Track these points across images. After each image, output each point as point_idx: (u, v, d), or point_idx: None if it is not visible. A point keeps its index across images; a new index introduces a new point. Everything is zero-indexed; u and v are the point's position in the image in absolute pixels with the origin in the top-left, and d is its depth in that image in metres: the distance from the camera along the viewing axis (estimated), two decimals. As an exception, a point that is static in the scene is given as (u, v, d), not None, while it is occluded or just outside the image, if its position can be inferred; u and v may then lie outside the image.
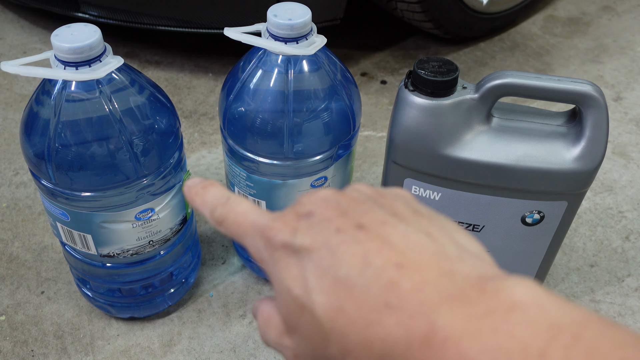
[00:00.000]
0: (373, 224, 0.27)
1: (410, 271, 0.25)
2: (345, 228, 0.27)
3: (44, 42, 1.29)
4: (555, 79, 0.56)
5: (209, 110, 1.12)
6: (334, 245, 0.27)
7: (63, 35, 0.54)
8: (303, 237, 0.28)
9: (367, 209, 0.28)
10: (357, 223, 0.28)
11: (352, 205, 0.29)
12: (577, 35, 1.38)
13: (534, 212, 0.63)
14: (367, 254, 0.26)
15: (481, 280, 0.24)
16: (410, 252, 0.26)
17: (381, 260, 0.26)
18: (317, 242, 0.27)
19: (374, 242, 0.27)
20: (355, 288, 0.26)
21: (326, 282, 0.26)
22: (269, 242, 0.29)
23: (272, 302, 0.32)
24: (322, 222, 0.28)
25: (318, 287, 0.26)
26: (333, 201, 0.29)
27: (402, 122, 0.59)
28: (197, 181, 0.34)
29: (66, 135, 0.56)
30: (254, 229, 0.30)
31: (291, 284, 0.27)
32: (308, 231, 0.28)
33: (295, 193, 0.67)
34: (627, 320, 0.78)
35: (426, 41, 1.34)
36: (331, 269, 0.26)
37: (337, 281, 0.26)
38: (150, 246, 0.67)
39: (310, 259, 0.27)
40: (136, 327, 0.76)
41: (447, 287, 0.24)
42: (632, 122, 1.12)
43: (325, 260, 0.27)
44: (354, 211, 0.28)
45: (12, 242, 0.86)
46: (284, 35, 0.59)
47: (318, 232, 0.28)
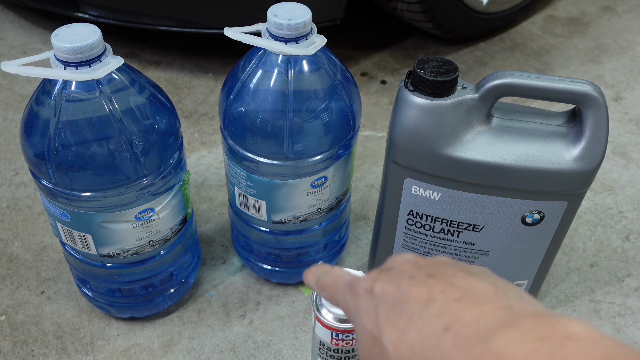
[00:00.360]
0: (444, 275, 0.31)
1: (470, 304, 0.28)
2: (417, 276, 0.32)
3: (44, 42, 1.29)
4: (555, 79, 0.56)
5: (209, 110, 1.12)
6: (404, 287, 0.31)
7: (63, 35, 0.54)
8: (381, 284, 0.33)
9: (442, 267, 0.33)
10: (429, 273, 0.32)
11: (429, 263, 0.34)
12: (577, 35, 1.38)
13: (534, 212, 0.63)
14: (431, 292, 0.30)
15: (537, 314, 0.27)
16: (471, 291, 0.29)
17: (444, 297, 0.29)
18: (391, 287, 0.32)
19: (440, 285, 0.30)
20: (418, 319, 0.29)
21: (393, 316, 0.30)
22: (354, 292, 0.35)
23: None
24: (399, 273, 0.33)
25: (386, 321, 0.31)
26: (412, 260, 0.34)
27: (402, 122, 0.59)
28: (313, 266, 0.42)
29: (66, 135, 0.56)
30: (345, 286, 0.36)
31: (366, 321, 0.32)
32: (386, 280, 0.33)
33: (295, 193, 0.67)
34: (627, 320, 0.78)
35: (426, 41, 1.34)
36: (399, 305, 0.31)
37: (403, 314, 0.30)
38: (150, 246, 0.67)
39: (384, 300, 0.32)
40: (136, 327, 0.76)
41: (504, 316, 0.27)
42: (632, 122, 1.12)
43: (395, 299, 0.31)
44: (428, 267, 0.33)
45: (12, 242, 0.86)
46: (284, 35, 0.59)
47: (394, 280, 0.32)
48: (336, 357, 0.62)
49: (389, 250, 0.71)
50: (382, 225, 0.70)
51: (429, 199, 0.63)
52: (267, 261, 0.78)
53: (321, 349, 0.62)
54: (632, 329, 0.77)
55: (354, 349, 0.61)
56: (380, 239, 0.71)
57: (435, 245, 0.68)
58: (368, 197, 0.95)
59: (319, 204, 0.70)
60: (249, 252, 0.79)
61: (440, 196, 0.63)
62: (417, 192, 0.63)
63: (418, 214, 0.65)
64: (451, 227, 0.65)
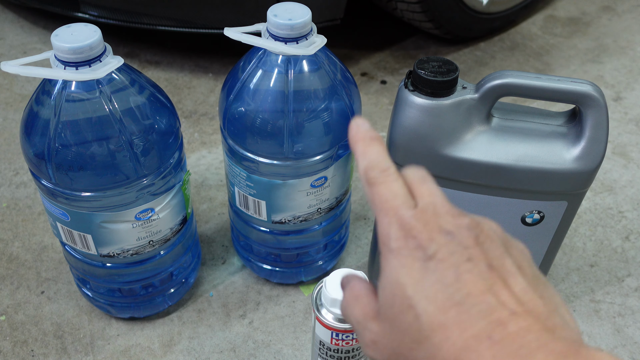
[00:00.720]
0: (501, 270, 0.30)
1: (520, 318, 0.28)
2: (476, 260, 0.30)
3: (44, 42, 1.29)
4: (555, 79, 0.56)
5: (209, 110, 1.12)
6: (461, 271, 0.29)
7: (63, 35, 0.54)
8: (437, 249, 0.30)
9: (499, 254, 0.31)
10: (489, 262, 0.30)
11: (487, 242, 0.31)
12: (577, 35, 1.38)
13: (534, 212, 0.63)
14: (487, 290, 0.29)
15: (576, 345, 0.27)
16: (524, 304, 0.29)
17: (498, 301, 0.28)
18: (447, 261, 0.30)
19: (498, 284, 0.29)
20: (466, 313, 0.28)
21: (441, 297, 0.29)
22: (404, 236, 0.31)
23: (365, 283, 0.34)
24: (458, 246, 0.30)
25: (432, 298, 0.29)
26: (473, 232, 0.31)
27: (402, 122, 0.59)
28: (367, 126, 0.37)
29: (66, 135, 0.56)
30: (396, 216, 0.32)
31: (407, 282, 0.30)
32: (443, 247, 0.30)
33: (295, 193, 0.67)
34: (627, 320, 0.78)
35: (426, 41, 1.34)
36: (450, 288, 0.29)
37: (451, 300, 0.28)
38: (150, 246, 0.67)
39: (435, 271, 0.29)
40: (136, 327, 0.76)
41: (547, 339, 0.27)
42: (632, 122, 1.12)
43: (448, 278, 0.29)
44: (488, 250, 0.31)
45: (12, 242, 0.86)
46: (284, 35, 0.59)
47: (452, 253, 0.30)
48: (336, 357, 0.62)
49: (389, 250, 0.71)
50: (382, 225, 0.70)
51: (429, 199, 0.63)
52: (267, 261, 0.78)
53: (321, 349, 0.62)
54: (632, 329, 0.77)
55: (354, 349, 0.61)
56: (380, 239, 0.71)
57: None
58: (368, 197, 0.95)
59: (319, 204, 0.70)
60: (249, 252, 0.79)
61: (440, 196, 0.63)
62: (417, 192, 0.63)
63: (418, 214, 0.65)
64: (451, 227, 0.65)
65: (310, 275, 0.80)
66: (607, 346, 0.75)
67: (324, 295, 0.59)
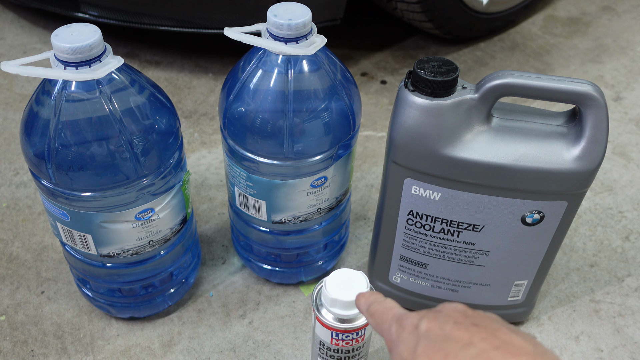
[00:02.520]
0: (487, 327, 0.34)
1: (507, 354, 0.31)
2: (462, 322, 0.34)
3: (44, 42, 1.29)
4: (555, 79, 0.56)
5: (209, 110, 1.12)
6: (447, 329, 0.34)
7: (63, 35, 0.54)
8: (427, 322, 0.36)
9: (487, 320, 0.35)
10: (474, 322, 0.34)
11: (476, 315, 0.36)
12: (577, 35, 1.38)
13: (534, 212, 0.63)
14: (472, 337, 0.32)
15: None
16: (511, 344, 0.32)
17: (484, 343, 0.32)
18: (435, 326, 0.35)
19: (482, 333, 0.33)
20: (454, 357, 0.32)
21: (431, 351, 0.33)
22: (400, 325, 0.38)
23: None
24: (445, 317, 0.36)
25: (423, 353, 0.33)
26: (461, 309, 0.37)
27: (402, 122, 0.59)
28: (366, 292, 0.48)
29: (66, 135, 0.56)
30: (393, 318, 0.40)
31: (403, 350, 0.35)
32: (432, 320, 0.36)
33: (295, 193, 0.67)
34: (627, 320, 0.78)
35: (426, 41, 1.34)
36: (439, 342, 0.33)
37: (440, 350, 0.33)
38: (150, 246, 0.67)
39: (426, 336, 0.35)
40: (136, 327, 0.76)
41: None
42: (632, 122, 1.12)
43: (437, 337, 0.34)
44: (475, 318, 0.35)
45: (12, 242, 0.86)
46: (284, 35, 0.59)
47: (439, 321, 0.35)
48: (336, 357, 0.62)
49: (389, 250, 0.71)
50: (382, 225, 0.70)
51: (429, 199, 0.63)
52: (267, 261, 0.78)
53: (321, 349, 0.62)
54: (632, 329, 0.77)
55: (354, 349, 0.61)
56: (380, 239, 0.71)
57: (435, 245, 0.68)
58: (368, 197, 0.95)
59: (319, 204, 0.70)
60: (249, 252, 0.79)
61: (440, 196, 0.63)
62: (417, 192, 0.63)
63: (418, 214, 0.65)
64: (451, 227, 0.65)
65: (310, 275, 0.80)
66: (607, 346, 0.75)
67: (324, 295, 0.59)
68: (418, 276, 0.72)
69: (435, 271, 0.71)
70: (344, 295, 0.57)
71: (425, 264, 0.70)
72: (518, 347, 0.31)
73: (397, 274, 0.73)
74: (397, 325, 0.38)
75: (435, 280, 0.72)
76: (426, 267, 0.70)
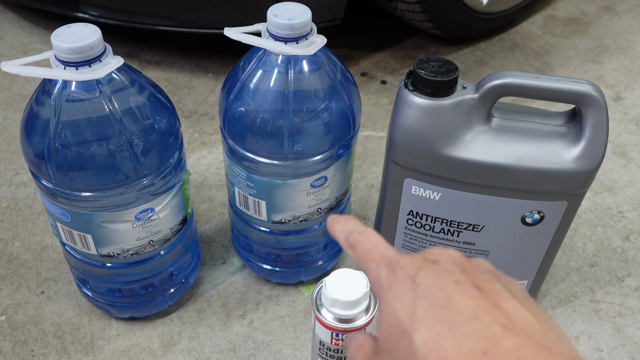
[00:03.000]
0: (489, 290, 0.31)
1: (514, 334, 0.28)
2: (463, 283, 0.31)
3: (44, 42, 1.29)
4: (555, 79, 0.56)
5: (209, 110, 1.12)
6: (450, 292, 0.30)
7: (63, 35, 0.54)
8: (425, 276, 0.31)
9: (487, 278, 0.32)
10: (475, 284, 0.31)
11: (474, 270, 0.32)
12: (577, 35, 1.38)
13: (534, 212, 0.63)
14: (478, 308, 0.29)
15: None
16: (517, 321, 0.29)
17: (490, 317, 0.29)
18: (435, 285, 0.31)
19: (487, 303, 0.30)
20: (458, 331, 0.28)
21: (433, 318, 0.29)
22: (392, 271, 0.33)
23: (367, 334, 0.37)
24: (445, 272, 0.32)
25: (424, 319, 0.29)
26: (459, 261, 0.33)
27: (402, 122, 0.59)
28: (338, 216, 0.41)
29: (66, 135, 0.56)
30: (381, 258, 0.34)
31: (400, 310, 0.31)
32: (431, 274, 0.32)
33: (295, 193, 0.67)
34: (627, 320, 0.78)
35: (426, 41, 1.34)
36: (441, 309, 0.30)
37: (443, 320, 0.29)
38: (150, 246, 0.67)
39: (425, 296, 0.30)
40: (136, 327, 0.76)
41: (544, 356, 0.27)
42: (632, 122, 1.12)
43: (438, 301, 0.30)
44: (475, 275, 0.32)
45: (12, 242, 0.86)
46: (284, 35, 0.59)
47: (439, 278, 0.31)
48: (336, 357, 0.62)
49: (389, 250, 0.71)
50: (382, 225, 0.70)
51: (429, 199, 0.63)
52: (267, 261, 0.78)
53: (321, 349, 0.62)
54: (632, 329, 0.77)
55: (354, 349, 0.61)
56: (380, 239, 0.71)
57: (435, 245, 0.68)
58: (368, 197, 0.95)
59: (319, 204, 0.70)
60: (249, 252, 0.79)
61: (440, 196, 0.63)
62: (417, 192, 0.63)
63: (418, 214, 0.65)
64: (451, 227, 0.65)
65: (310, 275, 0.80)
66: (607, 346, 0.75)
67: (324, 295, 0.59)
68: (418, 276, 0.72)
69: (435, 271, 0.71)
70: (344, 295, 0.57)
71: (425, 264, 0.70)
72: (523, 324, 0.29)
73: (397, 274, 0.73)
74: (387, 270, 0.33)
75: (435, 280, 0.72)
76: (426, 267, 0.70)
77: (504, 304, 0.30)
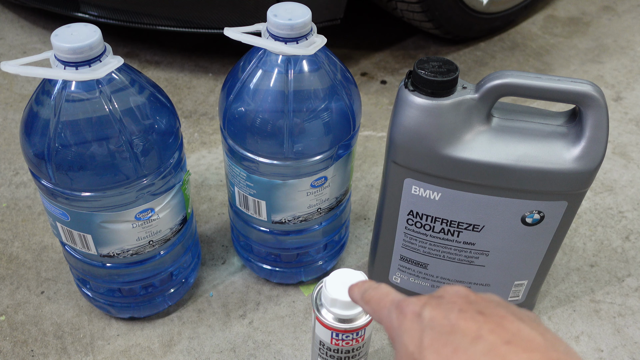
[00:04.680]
0: (493, 315, 0.32)
1: (519, 349, 0.29)
2: (467, 310, 0.32)
3: (44, 42, 1.29)
4: (555, 79, 0.56)
5: (209, 110, 1.12)
6: (453, 319, 0.32)
7: (63, 35, 0.54)
8: (430, 310, 0.33)
9: (492, 306, 0.33)
10: (479, 310, 0.32)
11: (480, 300, 0.34)
12: (577, 35, 1.38)
13: (534, 212, 0.63)
14: (481, 329, 0.30)
15: None
16: (521, 337, 0.30)
17: (493, 337, 0.30)
18: (440, 315, 0.33)
19: (490, 324, 0.31)
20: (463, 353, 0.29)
21: (439, 345, 0.31)
22: (401, 311, 0.35)
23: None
24: (449, 303, 0.33)
25: (431, 347, 0.31)
26: (464, 293, 0.34)
27: (402, 122, 0.59)
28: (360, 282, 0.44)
29: (66, 135, 0.56)
30: (392, 303, 0.37)
31: (409, 342, 0.33)
32: (435, 307, 0.33)
33: (295, 193, 0.67)
34: (627, 320, 0.78)
35: (426, 41, 1.34)
36: (446, 335, 0.31)
37: (448, 345, 0.30)
38: (150, 246, 0.67)
39: (431, 327, 0.32)
40: (136, 327, 0.76)
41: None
42: (632, 122, 1.12)
43: (443, 328, 0.31)
44: (479, 304, 0.33)
45: (12, 242, 0.86)
46: (284, 35, 0.59)
47: (443, 310, 0.33)
48: (336, 357, 0.62)
49: (389, 250, 0.71)
50: (382, 225, 0.70)
51: (429, 199, 0.63)
52: (267, 261, 0.78)
53: (321, 349, 0.62)
54: (632, 329, 0.77)
55: (354, 349, 0.61)
56: (380, 239, 0.71)
57: (435, 245, 0.68)
58: (368, 197, 0.95)
59: (319, 204, 0.70)
60: (249, 252, 0.79)
61: (440, 196, 0.63)
62: (417, 192, 0.63)
63: (418, 214, 0.65)
64: (451, 227, 0.65)
65: (310, 275, 0.80)
66: (607, 346, 0.75)
67: (324, 295, 0.59)
68: (418, 276, 0.72)
69: (436, 271, 0.71)
70: (344, 295, 0.57)
71: (425, 264, 0.70)
72: (528, 340, 0.30)
73: (397, 274, 0.73)
74: (397, 311, 0.36)
75: (435, 280, 0.72)
76: (426, 267, 0.70)
77: (508, 325, 0.31)
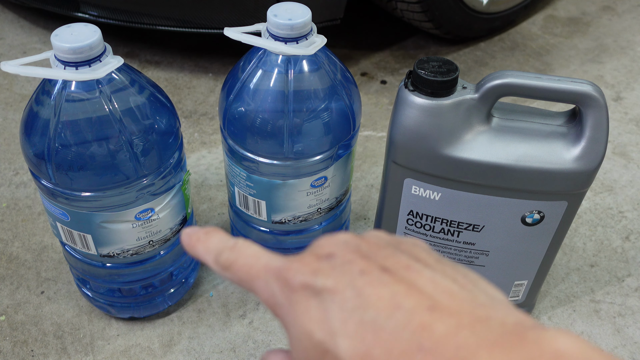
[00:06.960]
0: (397, 268, 0.26)
1: (444, 315, 0.24)
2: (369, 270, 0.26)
3: (44, 42, 1.29)
4: (555, 79, 0.56)
5: (209, 110, 1.12)
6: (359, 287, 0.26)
7: (63, 35, 0.54)
8: (325, 278, 0.26)
9: (389, 254, 0.28)
10: (381, 266, 0.27)
11: (373, 249, 0.28)
12: (577, 35, 1.38)
13: (534, 212, 0.63)
14: (395, 296, 0.25)
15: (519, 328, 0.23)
16: (440, 296, 0.25)
17: (411, 303, 0.25)
18: (340, 284, 0.26)
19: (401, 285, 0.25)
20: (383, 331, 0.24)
21: (352, 325, 0.25)
22: (286, 283, 0.27)
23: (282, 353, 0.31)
24: (345, 264, 0.27)
25: (343, 331, 0.25)
26: (353, 244, 0.28)
27: (402, 122, 0.59)
28: (196, 229, 0.32)
29: (66, 135, 0.56)
30: (268, 271, 0.29)
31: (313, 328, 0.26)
32: (330, 272, 0.27)
33: (295, 193, 0.67)
34: (627, 320, 0.78)
35: (426, 41, 1.34)
36: (357, 311, 0.25)
37: (363, 324, 0.25)
38: (150, 246, 0.67)
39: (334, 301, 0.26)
40: (136, 327, 0.76)
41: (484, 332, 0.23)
42: (632, 122, 1.12)
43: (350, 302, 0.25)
44: (376, 255, 0.27)
45: (12, 242, 0.86)
46: (284, 35, 0.59)
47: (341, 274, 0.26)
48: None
49: (389, 250, 0.71)
50: (382, 225, 0.70)
51: (429, 199, 0.63)
52: (267, 261, 0.78)
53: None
54: (632, 329, 0.77)
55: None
56: (380, 239, 0.71)
57: (435, 245, 0.68)
58: (368, 197, 0.95)
59: (319, 204, 0.70)
60: (249, 252, 0.79)
61: (440, 196, 0.63)
62: (417, 192, 0.63)
63: (418, 214, 0.65)
64: (451, 227, 0.65)
65: (310, 275, 0.80)
66: (607, 346, 0.75)
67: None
68: (418, 276, 0.72)
69: (435, 271, 0.71)
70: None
71: (425, 264, 0.70)
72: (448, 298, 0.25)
73: (397, 274, 0.73)
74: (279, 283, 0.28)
75: (435, 280, 0.72)
76: (426, 267, 0.70)
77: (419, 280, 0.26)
